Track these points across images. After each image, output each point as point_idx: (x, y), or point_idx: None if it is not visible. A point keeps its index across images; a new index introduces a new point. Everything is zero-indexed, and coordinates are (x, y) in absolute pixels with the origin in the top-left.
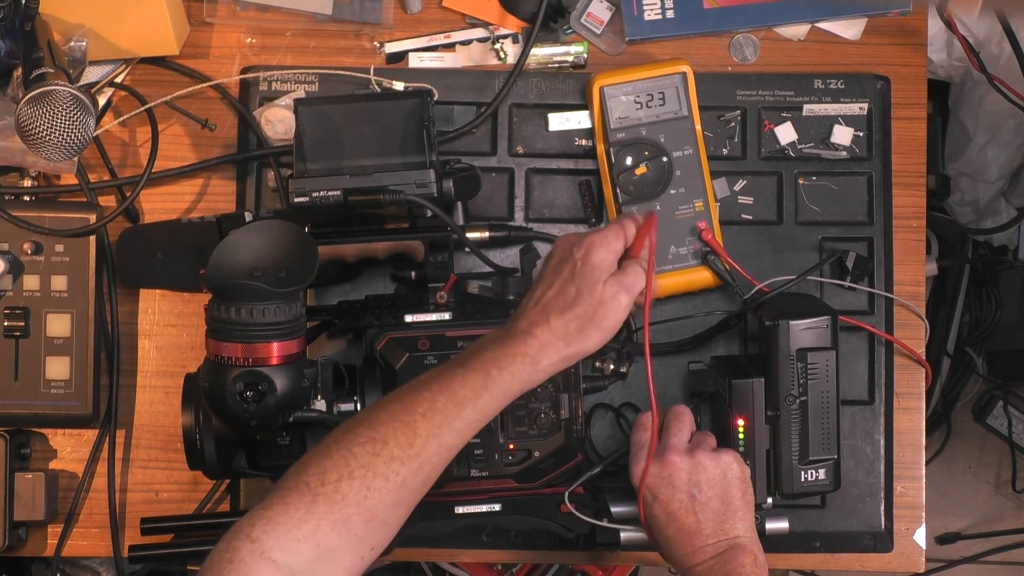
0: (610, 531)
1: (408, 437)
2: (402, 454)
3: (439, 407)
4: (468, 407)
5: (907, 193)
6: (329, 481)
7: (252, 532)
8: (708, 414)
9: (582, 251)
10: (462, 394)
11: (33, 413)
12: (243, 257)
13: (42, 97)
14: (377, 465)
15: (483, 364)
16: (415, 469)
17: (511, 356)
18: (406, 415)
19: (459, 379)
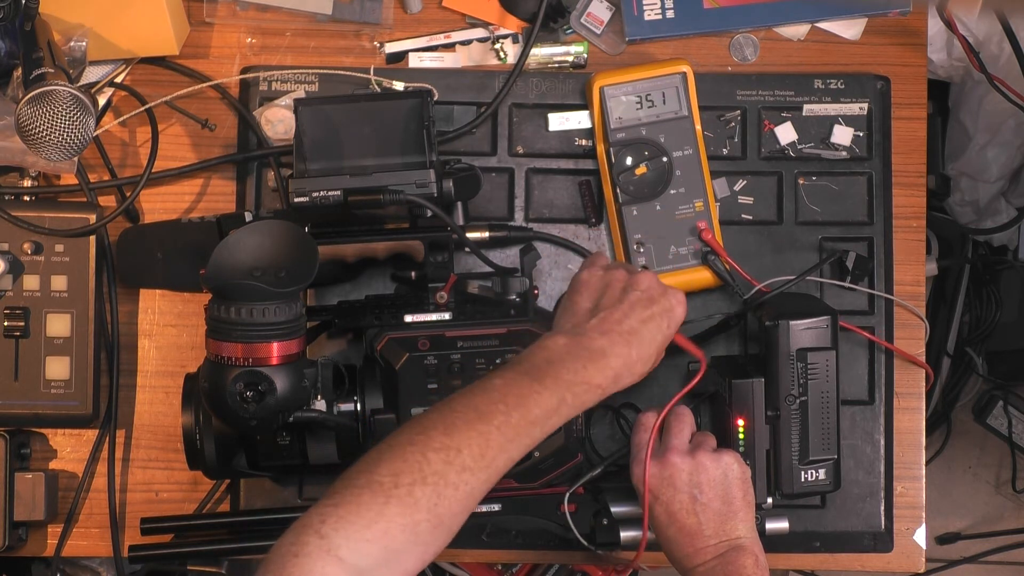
0: (610, 531)
1: (481, 448)
2: (474, 465)
3: (513, 423)
4: (538, 427)
5: (907, 193)
6: (403, 484)
7: (322, 528)
8: (708, 414)
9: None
10: (535, 414)
11: (33, 413)
12: (243, 257)
13: (42, 97)
14: (450, 474)
15: (558, 386)
16: (483, 480)
17: (587, 385)
18: (482, 425)
19: (534, 397)
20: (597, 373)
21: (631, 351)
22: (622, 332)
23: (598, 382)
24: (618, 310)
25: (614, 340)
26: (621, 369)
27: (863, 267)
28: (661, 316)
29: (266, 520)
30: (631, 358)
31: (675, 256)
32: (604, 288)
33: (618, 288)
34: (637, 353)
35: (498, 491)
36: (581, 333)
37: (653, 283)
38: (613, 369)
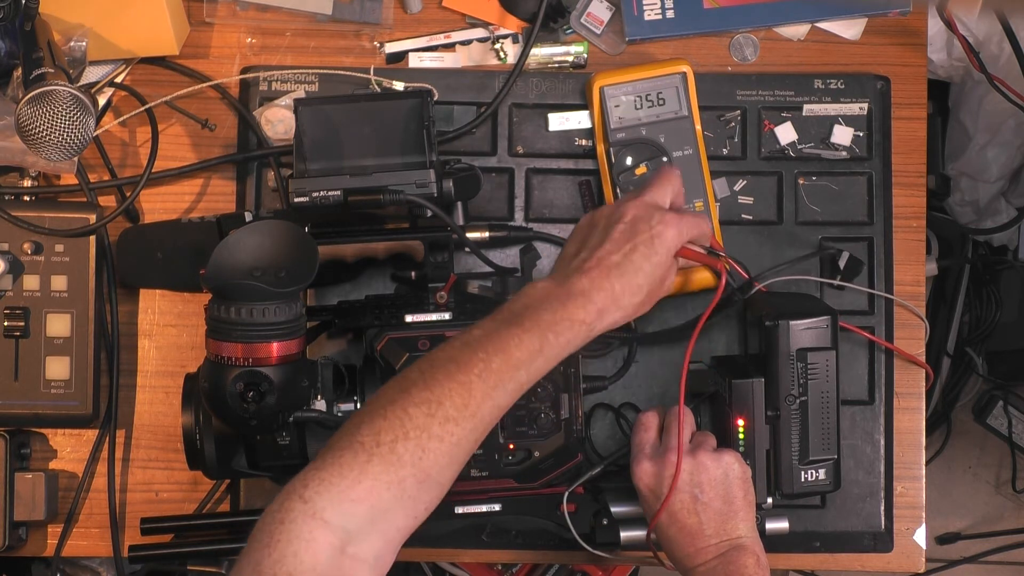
0: (610, 531)
1: (463, 398)
2: (457, 415)
3: (494, 368)
4: (522, 369)
5: (907, 193)
6: (384, 442)
7: (305, 492)
8: (708, 414)
9: (659, 226)
10: (517, 356)
11: (33, 413)
12: (243, 257)
13: (42, 97)
14: (432, 426)
15: (539, 327)
16: (469, 430)
17: (569, 321)
18: (462, 375)
19: (514, 341)
20: (578, 310)
21: (614, 284)
22: (603, 267)
23: (580, 317)
24: (600, 248)
25: (594, 276)
26: (605, 303)
27: (855, 268)
28: (647, 243)
29: None
30: (615, 291)
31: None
32: (590, 228)
33: (602, 225)
34: (621, 286)
35: (498, 491)
36: (563, 277)
37: (639, 210)
38: (596, 304)
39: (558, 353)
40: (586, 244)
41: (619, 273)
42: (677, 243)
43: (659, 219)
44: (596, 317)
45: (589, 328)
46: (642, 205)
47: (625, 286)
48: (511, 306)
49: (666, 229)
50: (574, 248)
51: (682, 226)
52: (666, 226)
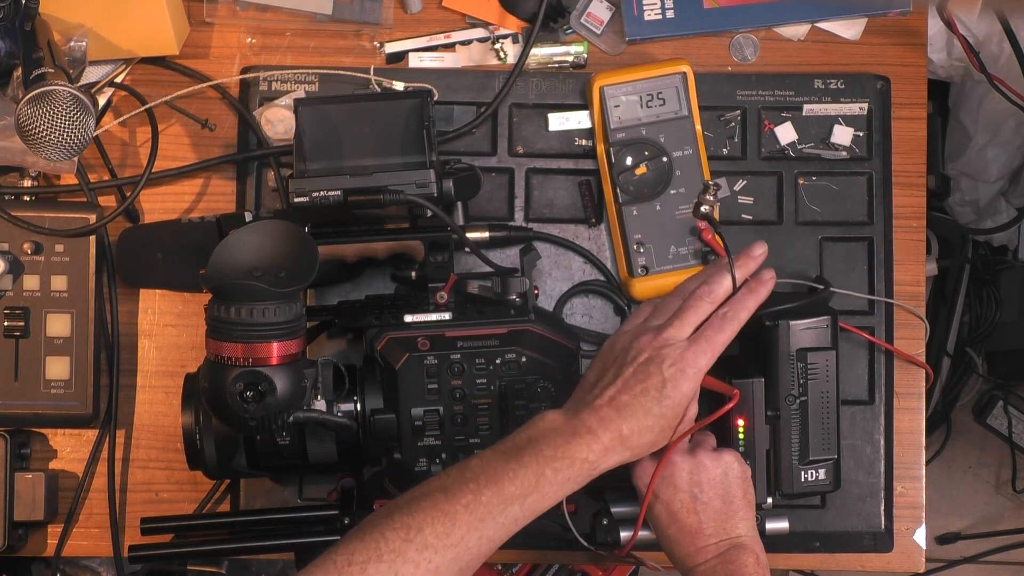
0: (610, 531)
1: (446, 527)
2: (437, 543)
3: (483, 501)
4: (515, 504)
5: (907, 193)
6: (356, 562)
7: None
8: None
9: (671, 369)
10: (510, 491)
11: (33, 413)
12: (243, 257)
13: (42, 97)
14: (408, 551)
15: (538, 462)
16: (450, 559)
17: (570, 460)
18: (447, 504)
19: (509, 475)
20: (582, 447)
21: (622, 426)
22: (613, 407)
23: (583, 456)
24: (611, 386)
25: (603, 416)
26: (612, 444)
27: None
28: (658, 388)
29: (266, 520)
30: (622, 433)
31: (675, 256)
32: (610, 359)
33: (618, 360)
34: (629, 428)
35: None
36: (576, 410)
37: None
38: (602, 443)
39: (556, 491)
40: (602, 378)
41: (629, 414)
42: (692, 386)
43: (672, 362)
44: (600, 456)
45: (592, 467)
46: (657, 345)
47: (634, 428)
48: (516, 437)
49: (679, 373)
50: (593, 377)
51: (699, 362)
52: (679, 370)
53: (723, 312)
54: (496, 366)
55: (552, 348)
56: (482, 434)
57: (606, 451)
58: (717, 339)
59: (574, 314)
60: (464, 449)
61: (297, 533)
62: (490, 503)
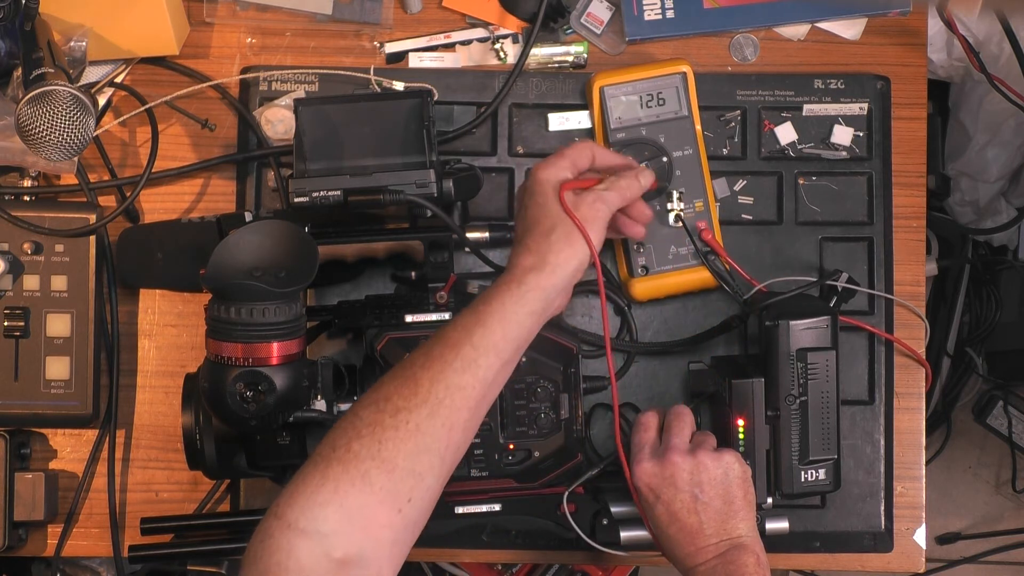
0: (610, 531)
1: (411, 388)
2: (406, 404)
3: (435, 355)
4: (465, 345)
5: (907, 193)
6: (339, 446)
7: (277, 509)
8: (708, 414)
9: (532, 178)
10: (454, 337)
11: (33, 413)
12: (243, 257)
13: (42, 97)
14: (383, 419)
15: (471, 306)
16: (427, 415)
17: (496, 287)
18: (404, 372)
19: (449, 325)
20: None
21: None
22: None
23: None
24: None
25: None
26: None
27: (847, 295)
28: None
29: None
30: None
31: (675, 256)
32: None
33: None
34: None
35: (498, 491)
36: None
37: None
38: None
39: (500, 319)
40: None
41: (523, 231)
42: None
43: (531, 174)
44: (523, 273)
45: (519, 284)
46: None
47: (534, 236)
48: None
49: (534, 173)
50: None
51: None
52: (534, 171)
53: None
54: None
55: (552, 348)
56: (482, 434)
57: (525, 269)
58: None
59: (574, 314)
60: None
61: None
62: (442, 354)
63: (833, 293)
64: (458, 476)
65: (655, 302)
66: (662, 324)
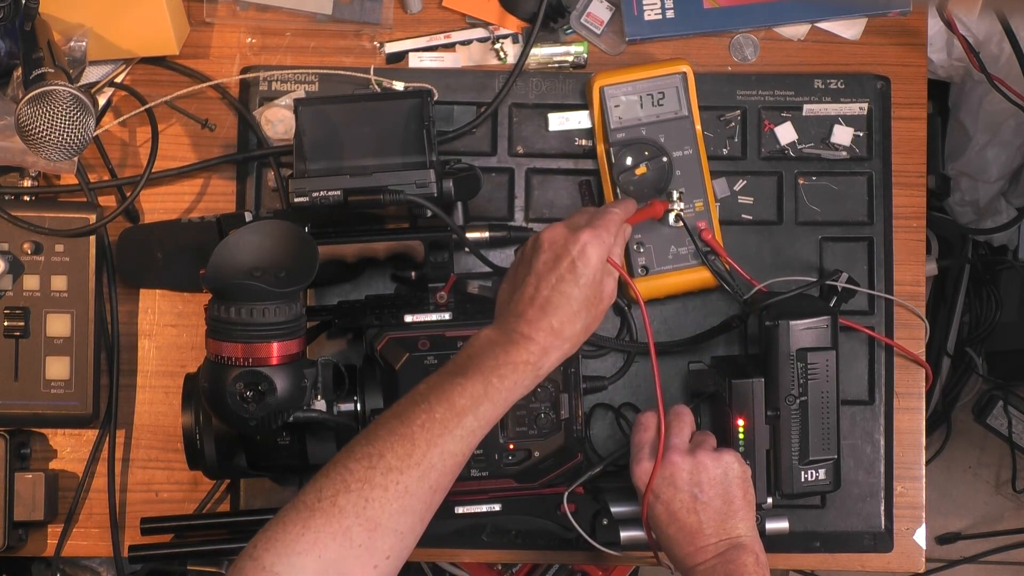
0: (610, 531)
1: (406, 448)
2: (400, 464)
3: (437, 418)
4: (468, 416)
5: (907, 193)
6: (325, 496)
7: (254, 552)
8: (708, 414)
9: (578, 247)
10: (461, 404)
11: (33, 413)
12: (243, 257)
13: (42, 97)
14: (374, 477)
15: (483, 373)
16: (417, 477)
17: (512, 365)
18: (403, 428)
19: (457, 389)
20: (521, 352)
21: (551, 321)
22: (536, 306)
23: (524, 359)
24: (528, 285)
25: (531, 318)
26: (548, 341)
27: (847, 295)
28: (570, 270)
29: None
30: (554, 327)
31: (675, 256)
32: (519, 265)
33: (527, 260)
34: (559, 320)
35: (498, 491)
36: (503, 321)
37: (555, 236)
38: (538, 344)
39: (506, 397)
40: (517, 283)
41: (553, 308)
42: (601, 257)
43: (574, 240)
44: (540, 356)
45: (535, 368)
46: (557, 230)
47: (563, 319)
48: (456, 358)
49: (585, 248)
50: (508, 287)
51: (601, 237)
52: (584, 245)
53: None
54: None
55: None
56: None
57: (544, 350)
58: (607, 218)
59: None
60: None
61: None
62: (444, 419)
63: (833, 293)
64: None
65: (655, 302)
66: (662, 324)
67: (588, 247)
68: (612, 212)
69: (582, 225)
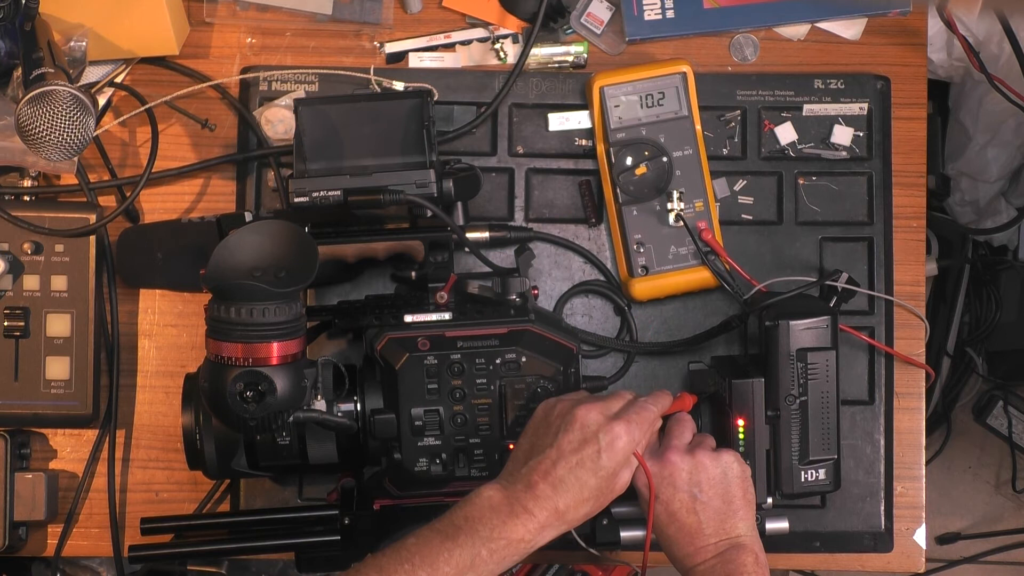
0: (610, 531)
1: None
2: None
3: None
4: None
5: (907, 193)
6: None
7: None
8: (708, 414)
9: (608, 439)
10: (444, 572)
11: (33, 413)
12: (243, 257)
13: (42, 97)
14: None
15: (473, 543)
16: None
17: (506, 540)
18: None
19: (444, 555)
20: (518, 527)
21: (558, 501)
22: (549, 481)
23: (519, 536)
24: (547, 457)
25: (538, 493)
26: (549, 520)
27: (847, 295)
28: (594, 458)
29: (266, 520)
30: (559, 508)
31: (675, 256)
32: (544, 426)
33: (553, 429)
34: (566, 502)
35: None
36: (511, 483)
37: (589, 419)
38: (537, 521)
39: (492, 570)
40: (536, 447)
41: (565, 489)
42: (627, 453)
43: (607, 429)
44: (536, 534)
45: (528, 545)
46: (593, 413)
47: (570, 502)
48: (453, 514)
49: (615, 442)
50: (527, 445)
51: (633, 433)
52: (615, 439)
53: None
54: (496, 366)
55: (552, 348)
56: (482, 434)
57: (542, 528)
58: (644, 415)
59: (574, 314)
60: (464, 449)
61: (297, 533)
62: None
63: (833, 293)
64: (458, 476)
65: (655, 302)
66: (662, 324)
67: (618, 441)
68: (649, 409)
69: (618, 414)
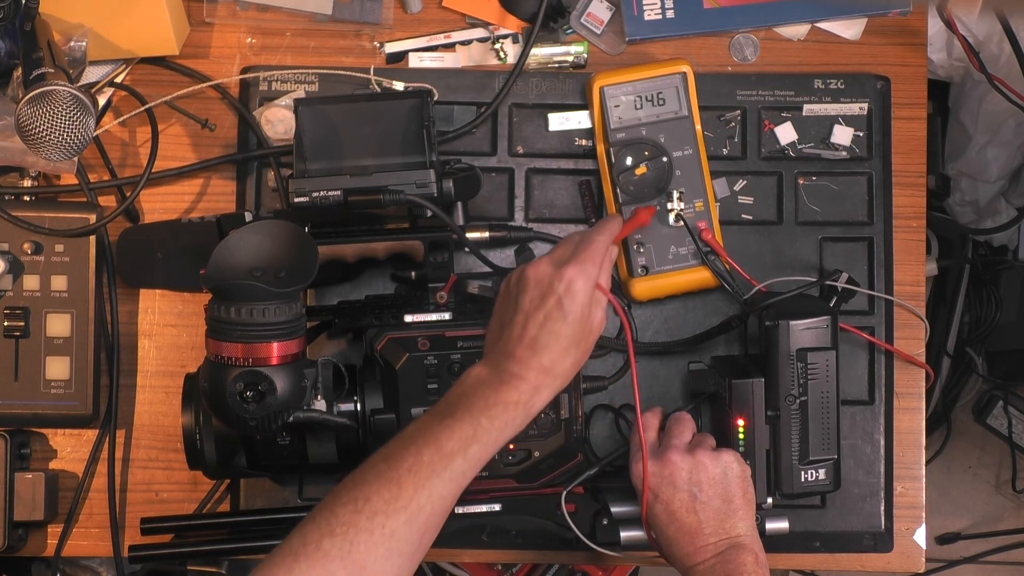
0: (610, 531)
1: (393, 492)
2: (386, 508)
3: (425, 461)
4: (457, 458)
5: (907, 193)
6: (310, 541)
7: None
8: (708, 414)
9: (564, 284)
10: (449, 447)
11: (33, 413)
12: (243, 257)
13: (42, 97)
14: (359, 521)
15: (472, 414)
16: (404, 521)
17: (503, 405)
18: (391, 472)
19: (446, 432)
20: (511, 392)
21: (541, 359)
22: (524, 345)
23: (515, 399)
24: (516, 323)
25: (520, 357)
26: (538, 379)
27: (847, 295)
28: (557, 307)
29: (266, 520)
30: (544, 365)
31: (675, 256)
32: (506, 301)
33: (513, 297)
34: (549, 358)
35: (498, 491)
36: (493, 359)
37: (541, 274)
38: (528, 382)
39: (496, 437)
40: (505, 321)
41: (542, 347)
42: (587, 291)
43: (560, 276)
44: (531, 395)
45: (527, 407)
46: (542, 267)
47: (553, 357)
48: (447, 397)
49: (571, 285)
50: (496, 325)
51: (587, 270)
52: (570, 282)
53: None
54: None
55: None
56: None
57: (535, 389)
58: (592, 248)
59: None
60: None
61: None
62: (432, 462)
63: (833, 293)
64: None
65: (655, 302)
66: (662, 324)
67: (574, 283)
68: (596, 241)
69: (567, 259)
